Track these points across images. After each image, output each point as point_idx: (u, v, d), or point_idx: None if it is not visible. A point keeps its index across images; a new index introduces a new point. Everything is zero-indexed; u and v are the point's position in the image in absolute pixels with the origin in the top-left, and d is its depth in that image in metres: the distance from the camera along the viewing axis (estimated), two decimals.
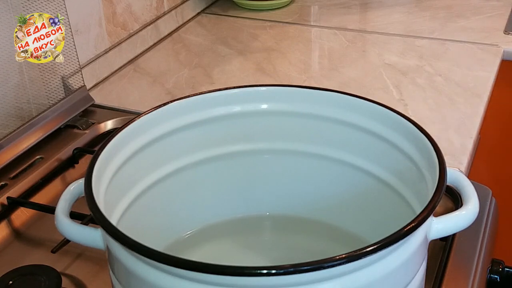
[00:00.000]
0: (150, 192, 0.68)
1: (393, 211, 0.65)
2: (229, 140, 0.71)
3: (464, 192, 0.59)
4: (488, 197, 0.82)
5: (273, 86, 0.71)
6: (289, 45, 1.26)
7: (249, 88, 0.71)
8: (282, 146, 0.73)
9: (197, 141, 0.70)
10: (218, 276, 0.47)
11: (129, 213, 0.64)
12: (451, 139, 0.93)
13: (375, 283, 0.51)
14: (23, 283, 0.66)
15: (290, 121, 0.71)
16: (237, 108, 0.70)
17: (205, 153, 0.71)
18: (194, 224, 0.73)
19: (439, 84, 1.08)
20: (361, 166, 0.69)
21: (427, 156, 0.59)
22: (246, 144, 0.72)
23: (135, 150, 0.65)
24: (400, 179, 0.65)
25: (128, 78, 1.15)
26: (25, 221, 0.80)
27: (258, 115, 0.71)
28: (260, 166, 0.73)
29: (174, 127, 0.68)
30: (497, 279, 0.77)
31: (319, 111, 0.70)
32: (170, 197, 0.70)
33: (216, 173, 0.72)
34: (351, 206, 0.71)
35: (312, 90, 0.70)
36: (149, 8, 1.25)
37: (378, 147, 0.67)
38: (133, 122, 0.65)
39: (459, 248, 0.73)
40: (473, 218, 0.57)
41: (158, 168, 0.68)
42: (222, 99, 0.70)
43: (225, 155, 0.72)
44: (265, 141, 0.72)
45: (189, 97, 0.69)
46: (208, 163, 0.71)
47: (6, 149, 0.86)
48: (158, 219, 0.70)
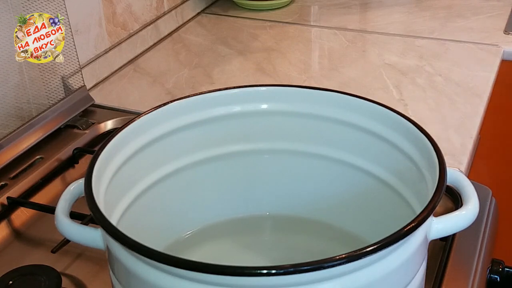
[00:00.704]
0: (150, 192, 0.68)
1: (393, 211, 0.65)
2: (229, 140, 0.71)
3: (464, 192, 0.59)
4: (488, 197, 0.82)
5: (273, 86, 0.71)
6: (289, 45, 1.26)
7: (249, 88, 0.71)
8: (282, 146, 0.73)
9: (197, 141, 0.70)
10: (218, 276, 0.47)
11: (129, 213, 0.64)
12: (451, 139, 0.93)
13: (375, 283, 0.51)
14: (23, 283, 0.66)
15: (290, 121, 0.71)
16: (237, 108, 0.70)
17: (205, 153, 0.71)
18: (194, 224, 0.73)
19: (439, 84, 1.08)
20: (361, 166, 0.69)
21: (427, 156, 0.59)
22: (246, 144, 0.72)
23: (135, 150, 0.65)
24: (400, 179, 0.65)
25: (128, 78, 1.15)
26: (25, 221, 0.80)
27: (258, 115, 0.71)
28: (260, 166, 0.73)
29: (174, 127, 0.68)
30: (497, 279, 0.77)
31: (319, 111, 0.70)
32: (170, 197, 0.70)
33: (216, 173, 0.72)
34: (351, 206, 0.71)
35: (312, 90, 0.70)
36: (149, 8, 1.25)
37: (378, 147, 0.67)
38: (133, 122, 0.65)
39: (459, 248, 0.73)
40: (473, 218, 0.57)
41: (158, 168, 0.68)
42: (222, 99, 0.70)
43: (225, 155, 0.72)
44: (265, 141, 0.72)
45: (189, 97, 0.69)
46: (208, 163, 0.71)
47: (6, 149, 0.86)
48: (158, 219, 0.70)
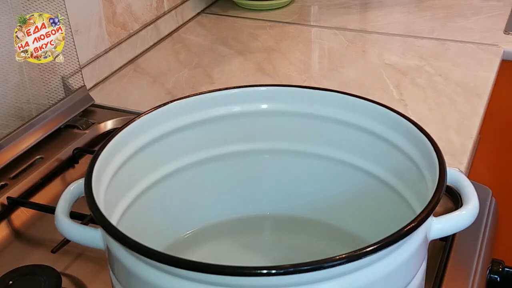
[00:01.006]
0: (150, 192, 0.68)
1: (393, 211, 0.65)
2: (229, 140, 0.71)
3: (464, 192, 0.59)
4: (488, 197, 0.82)
5: (273, 86, 0.71)
6: (289, 45, 1.26)
7: (249, 88, 0.71)
8: (282, 146, 0.73)
9: (197, 141, 0.70)
10: (218, 276, 0.47)
11: (129, 213, 0.64)
12: (451, 139, 0.93)
13: (375, 283, 0.51)
14: (23, 283, 0.66)
15: (290, 121, 0.71)
16: (237, 108, 0.70)
17: (205, 153, 0.71)
18: (194, 224, 0.73)
19: (439, 84, 1.08)
20: (361, 166, 0.69)
21: (427, 156, 0.59)
22: (246, 144, 0.72)
23: (135, 150, 0.65)
24: (400, 179, 0.65)
25: (128, 78, 1.15)
26: (25, 221, 0.80)
27: (258, 115, 0.71)
28: (260, 166, 0.73)
29: (174, 127, 0.68)
30: (497, 279, 0.77)
31: (319, 111, 0.70)
32: (170, 197, 0.70)
33: (216, 173, 0.72)
34: (351, 206, 0.71)
35: (312, 90, 0.70)
36: (149, 8, 1.25)
37: (378, 147, 0.67)
38: (133, 122, 0.65)
39: (459, 248, 0.73)
40: (473, 218, 0.57)
41: (158, 168, 0.68)
42: (222, 99, 0.70)
43: (225, 155, 0.72)
44: (265, 141, 0.72)
45: (189, 97, 0.69)
46: (208, 163, 0.71)
47: (6, 149, 0.86)
48: (158, 219, 0.70)
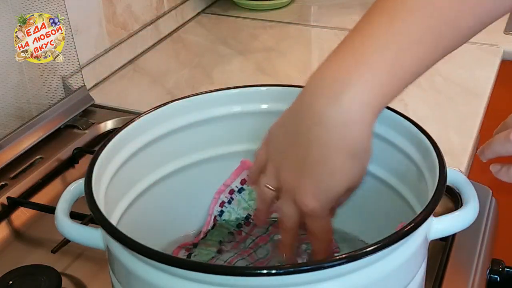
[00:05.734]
0: (150, 192, 0.67)
1: (393, 211, 0.65)
2: (229, 140, 0.71)
3: (464, 192, 0.59)
4: (488, 197, 0.82)
5: (273, 86, 0.71)
6: (289, 45, 1.26)
7: (249, 88, 0.71)
8: None
9: (197, 141, 0.70)
10: (218, 276, 0.47)
11: (129, 213, 0.64)
12: (451, 139, 0.93)
13: (375, 283, 0.51)
14: (23, 283, 0.66)
15: None
16: (237, 108, 0.70)
17: (205, 153, 0.71)
18: (194, 224, 0.73)
19: (439, 84, 1.08)
20: None
21: (427, 156, 0.59)
22: (246, 144, 0.72)
23: (135, 150, 0.65)
24: (400, 179, 0.65)
25: (128, 78, 1.15)
26: (25, 221, 0.80)
27: (258, 115, 0.71)
28: None
29: (174, 127, 0.68)
30: (497, 279, 0.77)
31: None
32: (170, 197, 0.70)
33: (216, 173, 0.72)
34: (351, 206, 0.71)
35: None
36: (149, 8, 1.25)
37: (378, 147, 0.66)
38: (133, 122, 0.65)
39: (459, 248, 0.73)
40: (473, 218, 0.57)
41: (158, 168, 0.68)
42: (222, 99, 0.70)
43: (225, 155, 0.72)
44: None
45: (189, 97, 0.69)
46: (208, 163, 0.71)
47: (6, 149, 0.86)
48: (158, 219, 0.69)
